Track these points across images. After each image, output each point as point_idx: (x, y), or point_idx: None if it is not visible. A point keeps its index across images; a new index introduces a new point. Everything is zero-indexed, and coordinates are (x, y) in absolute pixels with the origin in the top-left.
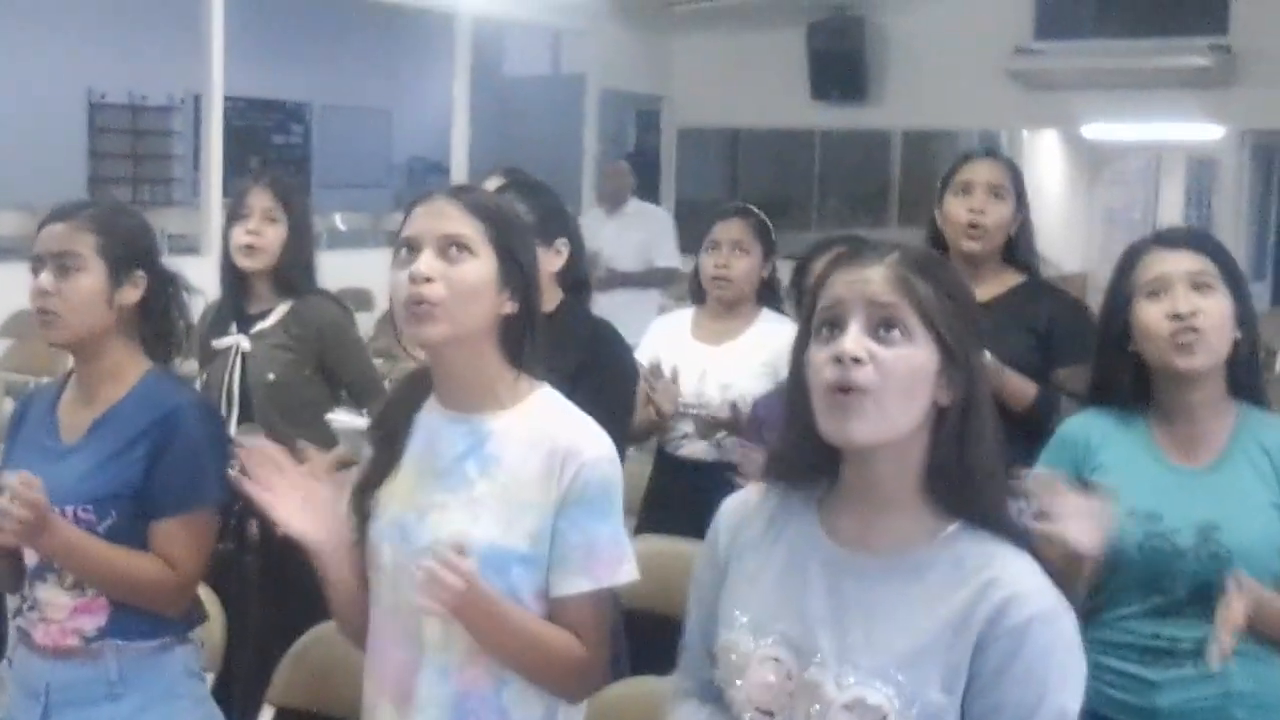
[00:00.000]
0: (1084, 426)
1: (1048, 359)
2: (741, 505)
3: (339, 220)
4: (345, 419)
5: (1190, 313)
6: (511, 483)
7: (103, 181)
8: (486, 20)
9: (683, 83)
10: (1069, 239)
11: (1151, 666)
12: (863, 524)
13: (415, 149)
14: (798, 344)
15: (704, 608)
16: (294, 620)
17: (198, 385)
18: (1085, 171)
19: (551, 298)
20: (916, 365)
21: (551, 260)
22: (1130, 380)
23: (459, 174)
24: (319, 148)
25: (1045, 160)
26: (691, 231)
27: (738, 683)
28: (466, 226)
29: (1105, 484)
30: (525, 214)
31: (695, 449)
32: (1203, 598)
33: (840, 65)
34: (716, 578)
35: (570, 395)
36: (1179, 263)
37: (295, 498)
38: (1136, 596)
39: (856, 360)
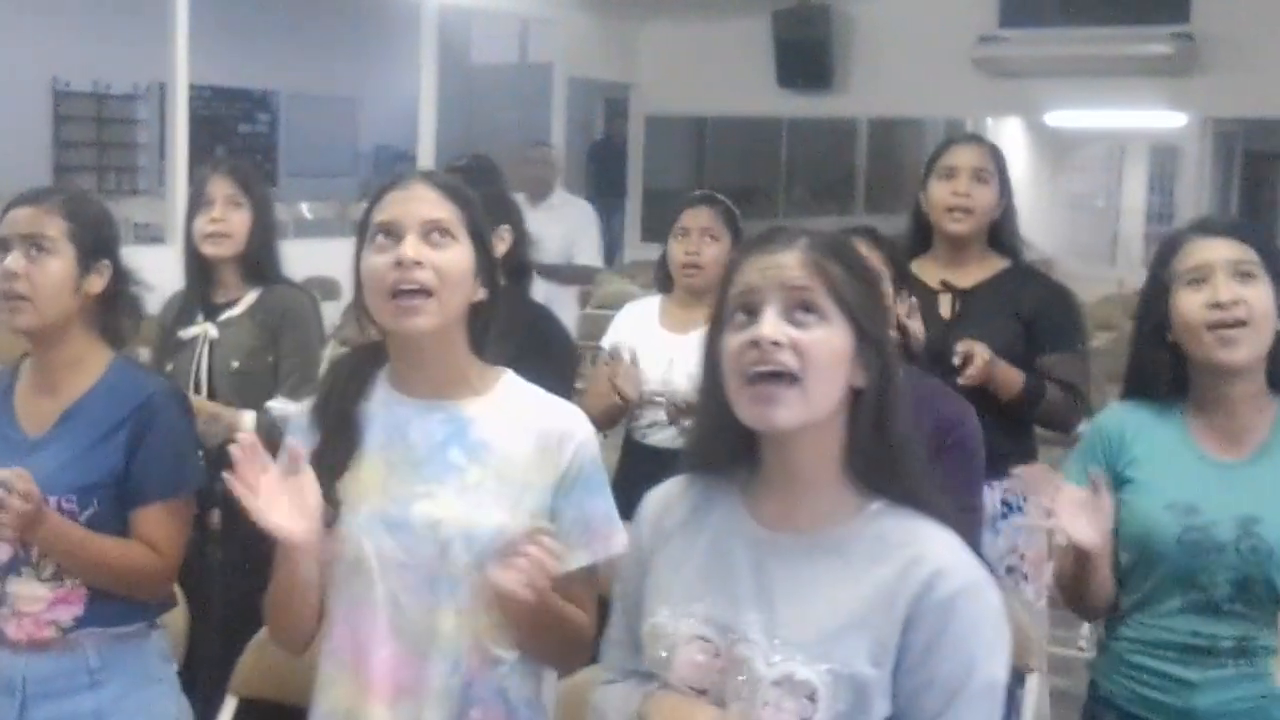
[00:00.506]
0: (1118, 419)
1: (1032, 345)
2: (664, 496)
3: (305, 209)
4: (281, 405)
5: (1232, 301)
6: (506, 467)
7: (67, 170)
8: (453, 8)
9: (650, 71)
10: (1033, 226)
11: (1190, 666)
12: (786, 505)
13: (382, 138)
14: (710, 333)
15: (629, 600)
16: (257, 609)
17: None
18: (1049, 159)
19: None
20: (834, 347)
21: (495, 247)
22: (1168, 372)
23: (425, 162)
24: (285, 136)
25: (1009, 148)
26: (659, 219)
27: (667, 662)
28: (446, 211)
29: (1141, 476)
30: None
31: (664, 436)
32: (1244, 593)
33: (806, 53)
34: (640, 569)
35: None
36: (1220, 250)
37: (279, 496)
38: (1175, 593)
39: (776, 344)
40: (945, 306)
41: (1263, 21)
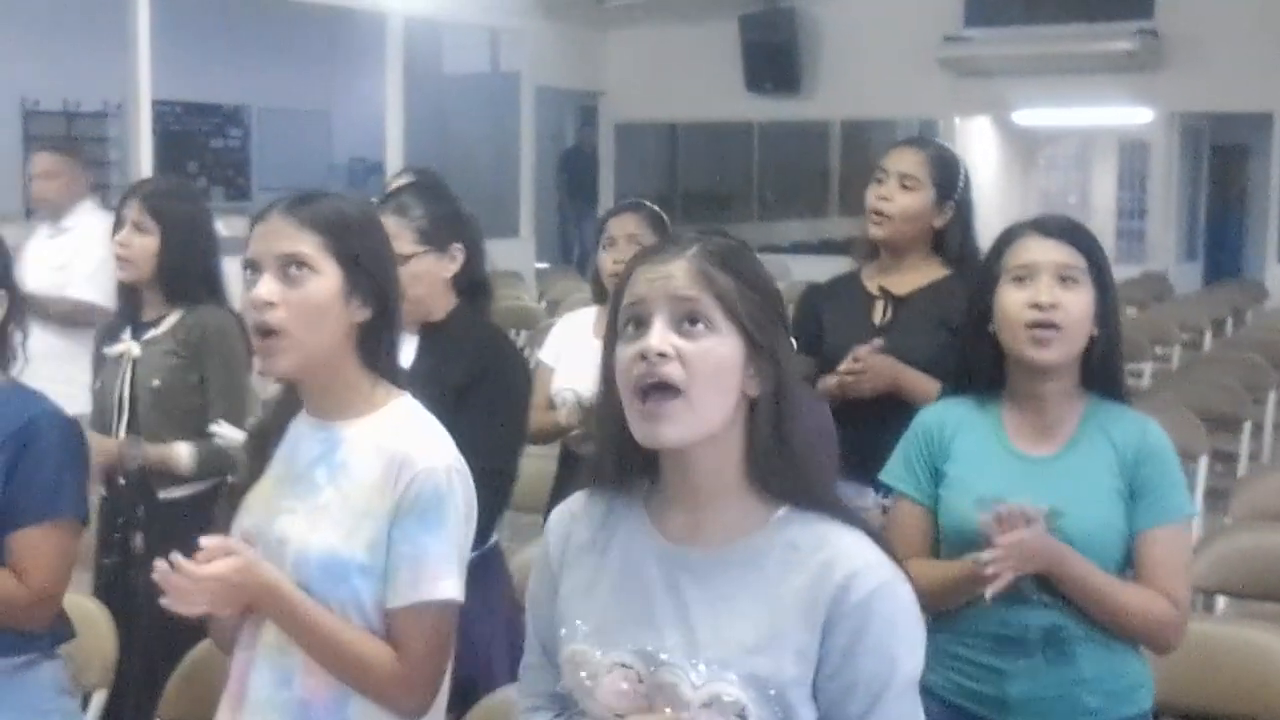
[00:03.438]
0: (940, 414)
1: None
2: (568, 514)
3: None
4: (227, 431)
5: (1051, 305)
6: (355, 491)
7: None
8: (420, 20)
9: (619, 78)
10: (1005, 225)
11: (1002, 655)
12: (692, 518)
13: (356, 150)
14: (606, 344)
15: (542, 621)
16: (184, 633)
17: (92, 391)
18: (1019, 157)
19: (445, 304)
20: (722, 357)
21: (446, 266)
22: (989, 363)
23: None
24: (258, 151)
25: (979, 147)
26: None
27: (591, 691)
28: (303, 244)
29: (955, 472)
30: (419, 219)
31: None
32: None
33: (773, 57)
34: (551, 589)
35: (459, 406)
36: (1050, 253)
37: (205, 594)
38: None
39: (662, 355)
40: (878, 313)
41: (1225, 16)
